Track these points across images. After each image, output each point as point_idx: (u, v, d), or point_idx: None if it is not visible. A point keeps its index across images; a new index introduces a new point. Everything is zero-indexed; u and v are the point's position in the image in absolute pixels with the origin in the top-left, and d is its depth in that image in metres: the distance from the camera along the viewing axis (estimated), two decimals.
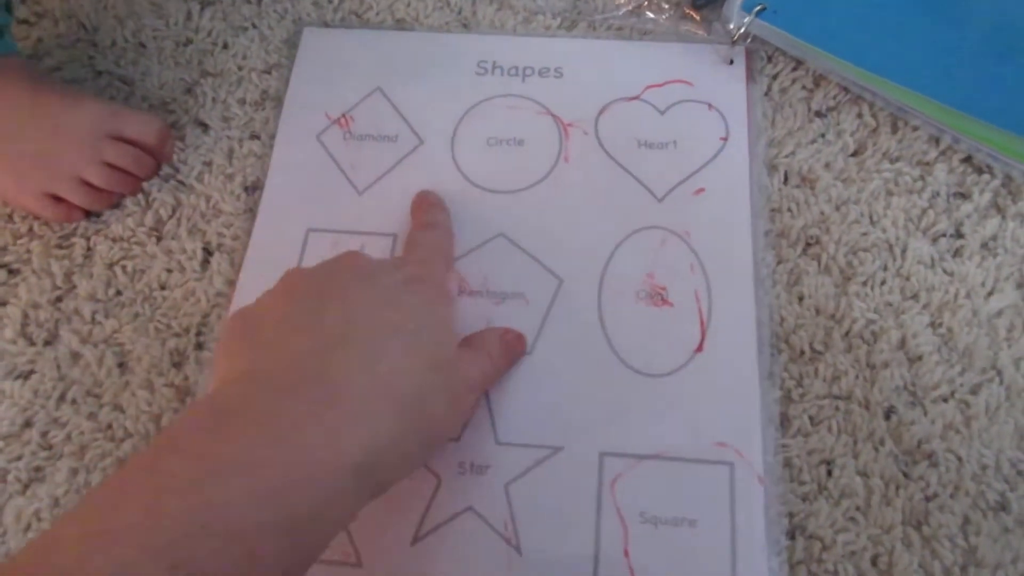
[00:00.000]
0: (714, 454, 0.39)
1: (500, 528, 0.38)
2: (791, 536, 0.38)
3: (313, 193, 0.46)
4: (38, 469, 0.41)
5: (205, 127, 0.49)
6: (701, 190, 0.45)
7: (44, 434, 0.42)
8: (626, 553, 0.37)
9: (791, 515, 0.38)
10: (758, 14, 0.48)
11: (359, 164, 0.47)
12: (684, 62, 0.49)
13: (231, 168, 0.48)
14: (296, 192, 0.46)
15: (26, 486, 0.41)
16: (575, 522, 0.38)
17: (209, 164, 0.48)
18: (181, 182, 0.48)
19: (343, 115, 0.49)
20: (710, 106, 0.48)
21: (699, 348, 0.41)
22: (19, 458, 0.42)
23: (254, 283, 0.44)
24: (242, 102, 0.50)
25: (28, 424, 0.42)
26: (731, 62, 0.49)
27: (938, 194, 0.45)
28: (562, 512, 0.38)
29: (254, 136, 0.49)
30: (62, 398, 0.43)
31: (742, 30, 0.48)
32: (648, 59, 0.50)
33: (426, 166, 0.47)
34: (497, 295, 0.43)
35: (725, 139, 0.47)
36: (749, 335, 0.41)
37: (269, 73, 0.51)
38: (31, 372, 0.43)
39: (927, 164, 0.46)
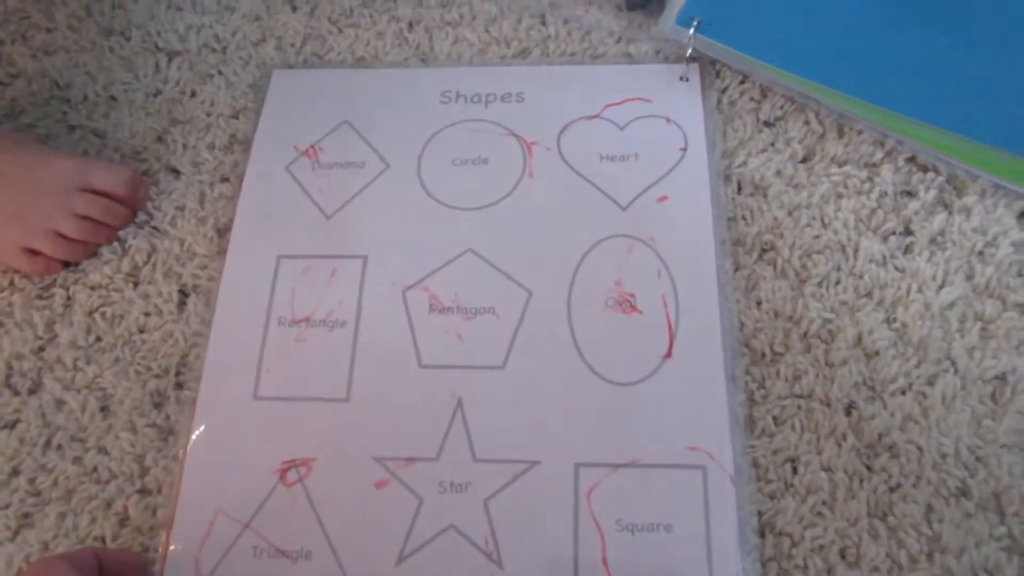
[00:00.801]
0: (687, 458, 0.40)
1: (481, 544, 0.39)
2: (761, 534, 0.39)
3: (282, 221, 0.48)
4: (27, 515, 0.42)
5: (177, 173, 0.51)
6: (664, 197, 0.47)
7: (32, 481, 0.43)
8: (604, 561, 0.38)
9: (760, 513, 0.40)
10: (697, 29, 0.49)
11: (327, 190, 0.49)
12: (641, 81, 0.51)
13: (203, 211, 0.49)
14: (266, 221, 0.48)
15: (16, 533, 0.42)
16: (553, 533, 0.39)
17: (182, 208, 0.50)
18: (155, 228, 0.49)
19: (311, 146, 0.50)
20: (668, 120, 0.50)
21: (668, 354, 0.42)
22: (7, 506, 0.43)
23: (229, 312, 0.45)
24: (211, 147, 0.52)
25: (16, 472, 0.43)
26: (686, 79, 0.51)
27: (886, 194, 0.47)
28: (541, 524, 0.39)
29: (224, 179, 0.50)
30: (48, 444, 0.44)
31: (689, 52, 0.50)
32: (606, 80, 0.52)
33: (393, 188, 0.48)
34: (468, 311, 0.44)
35: (684, 149, 0.48)
36: (715, 339, 0.42)
37: (236, 117, 0.52)
38: (17, 421, 0.45)
39: (874, 166, 0.48)
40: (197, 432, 0.43)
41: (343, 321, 0.45)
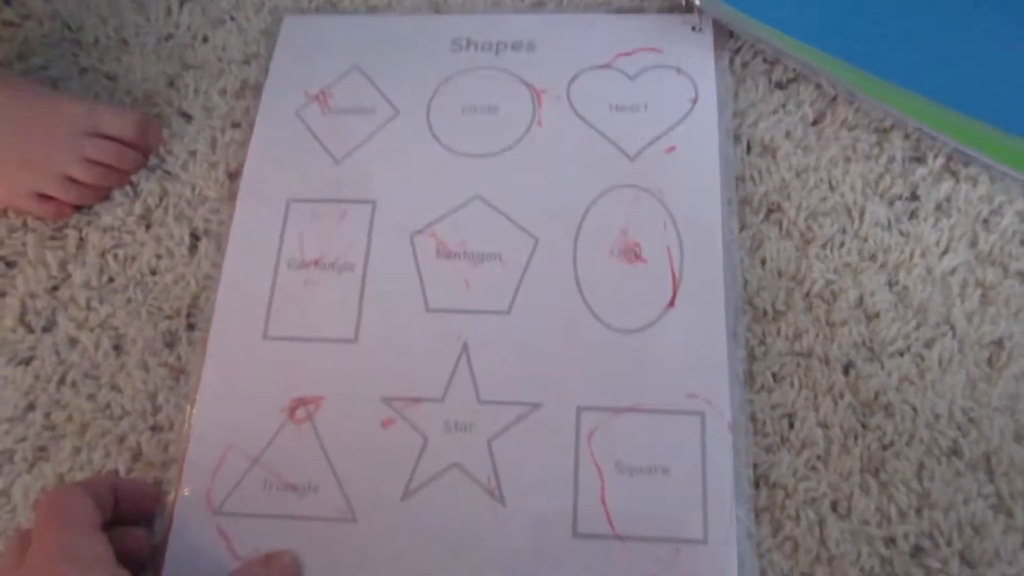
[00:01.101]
0: (686, 404, 0.41)
1: (484, 482, 0.40)
2: (756, 485, 0.40)
3: (292, 165, 0.48)
4: (42, 448, 0.44)
5: (188, 118, 0.51)
6: (672, 148, 0.47)
7: (47, 415, 0.44)
8: (603, 501, 0.39)
9: (755, 466, 0.41)
10: None
11: (337, 136, 0.49)
12: (652, 31, 0.51)
13: (215, 156, 0.50)
14: (276, 165, 0.48)
15: (32, 464, 0.43)
16: (554, 474, 0.40)
17: (193, 153, 0.50)
18: (167, 172, 0.50)
19: (321, 91, 0.51)
20: (679, 71, 0.50)
21: (671, 304, 0.43)
22: (24, 439, 0.44)
23: (240, 254, 0.46)
24: (223, 92, 0.52)
25: (31, 407, 0.44)
26: (699, 29, 0.51)
27: (894, 159, 0.47)
28: (542, 465, 0.40)
29: (235, 125, 0.51)
30: (62, 381, 0.45)
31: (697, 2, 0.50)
32: (617, 30, 0.51)
33: (402, 134, 0.49)
34: (475, 256, 0.45)
35: (695, 100, 0.49)
36: (718, 290, 0.43)
37: (248, 64, 0.52)
38: (31, 358, 0.46)
39: (884, 131, 0.48)
40: (208, 370, 0.44)
41: (351, 264, 0.45)
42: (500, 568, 0.39)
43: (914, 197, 0.46)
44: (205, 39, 0.54)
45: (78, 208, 0.49)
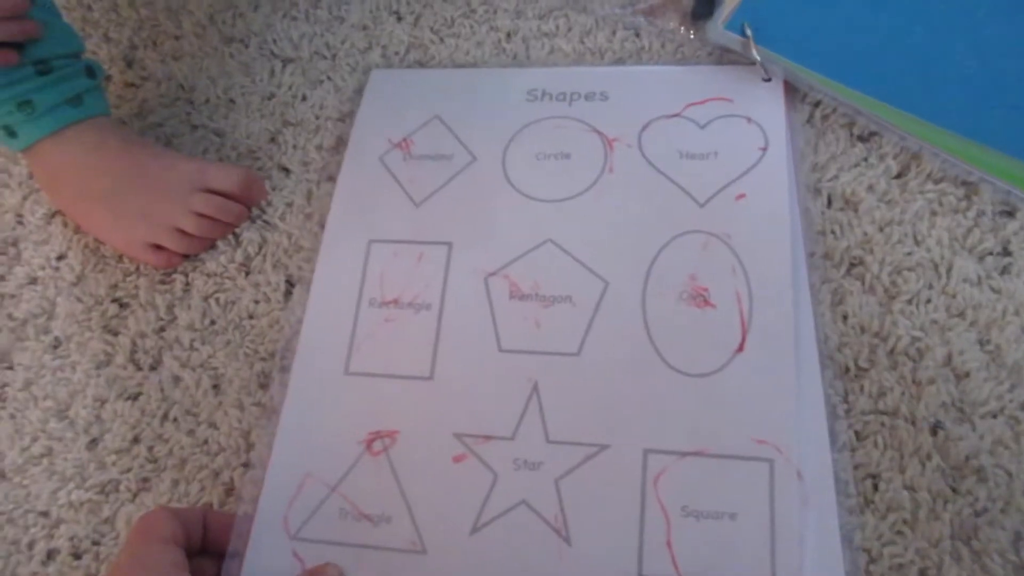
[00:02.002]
0: (754, 451, 0.40)
1: (551, 520, 0.41)
2: None
3: (375, 208, 0.51)
4: (145, 480, 0.47)
5: (287, 171, 0.55)
6: (742, 195, 0.47)
7: (150, 449, 0.47)
8: (669, 544, 0.39)
9: (839, 527, 0.40)
10: (742, 33, 0.50)
11: (417, 180, 0.52)
12: (723, 81, 0.52)
13: (310, 208, 0.53)
14: (359, 207, 0.51)
15: (135, 495, 0.46)
16: (621, 515, 0.40)
17: (291, 205, 0.53)
18: (266, 222, 0.53)
19: (404, 139, 0.53)
20: (749, 119, 0.50)
21: (740, 348, 0.43)
22: (129, 470, 0.47)
23: (324, 292, 0.49)
24: (319, 148, 0.55)
25: (136, 440, 0.48)
26: (768, 79, 0.51)
27: (983, 213, 0.46)
28: (608, 506, 0.41)
29: (330, 178, 0.54)
30: (165, 417, 0.48)
31: (753, 53, 0.50)
32: (688, 80, 0.53)
33: (478, 179, 0.51)
34: (546, 298, 0.46)
35: (764, 148, 0.49)
36: (788, 336, 0.43)
37: (343, 121, 0.56)
38: (139, 394, 0.49)
39: (971, 184, 0.47)
40: (291, 401, 0.46)
41: (428, 304, 0.47)
42: None
43: (1006, 252, 0.45)
44: (304, 98, 0.57)
45: (186, 257, 0.52)
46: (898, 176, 0.48)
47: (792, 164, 0.49)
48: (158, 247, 0.51)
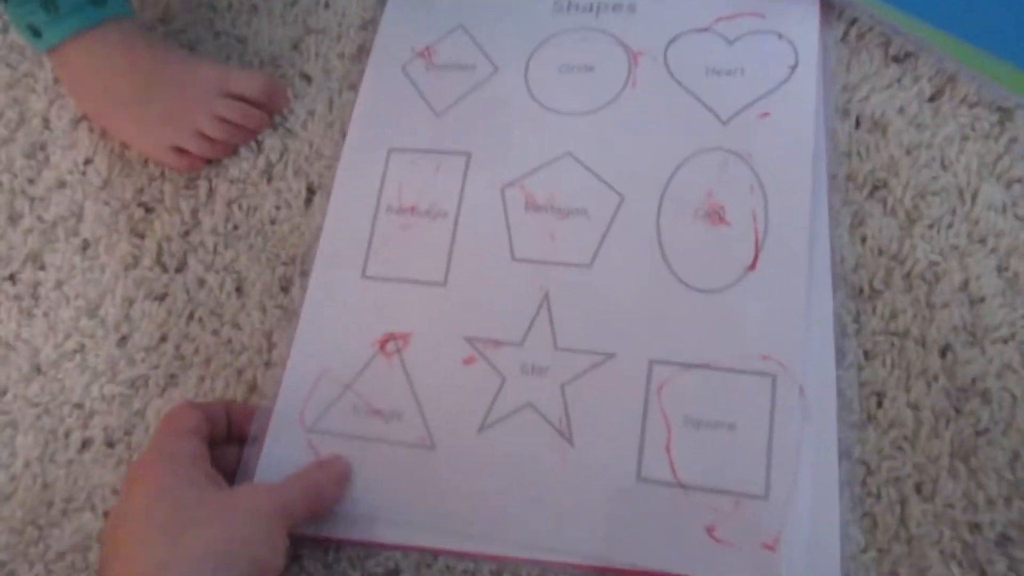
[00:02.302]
0: (759, 366, 0.41)
1: (555, 423, 0.42)
2: (837, 462, 0.40)
3: (395, 117, 0.51)
4: (173, 376, 0.49)
5: (309, 79, 0.55)
6: (766, 114, 0.47)
7: (177, 347, 0.49)
8: (668, 450, 0.41)
9: (839, 441, 0.41)
10: None
11: (438, 90, 0.51)
12: None
13: (331, 116, 0.53)
14: (380, 116, 0.51)
15: (164, 390, 0.48)
16: (623, 421, 0.42)
17: (312, 113, 0.53)
18: (288, 130, 0.53)
19: (426, 48, 0.53)
20: (780, 36, 0.49)
21: (752, 266, 0.43)
22: (157, 367, 0.49)
23: (344, 198, 0.50)
24: (341, 56, 0.55)
25: (164, 338, 0.50)
26: None
27: (1016, 139, 0.45)
28: (612, 411, 0.42)
29: (351, 87, 0.54)
30: (191, 317, 0.50)
31: None
32: None
33: (500, 90, 0.51)
34: (561, 211, 0.47)
35: (794, 67, 0.48)
36: (802, 256, 0.43)
37: (365, 28, 0.55)
38: (165, 295, 0.51)
39: (1006, 109, 0.46)
40: (309, 301, 0.47)
41: (445, 212, 0.48)
42: (567, 504, 0.41)
43: None
44: (327, 4, 0.57)
45: (209, 162, 0.53)
46: (931, 99, 0.47)
47: (822, 83, 0.47)
48: (181, 151, 0.52)
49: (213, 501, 0.38)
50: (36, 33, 0.49)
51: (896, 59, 0.48)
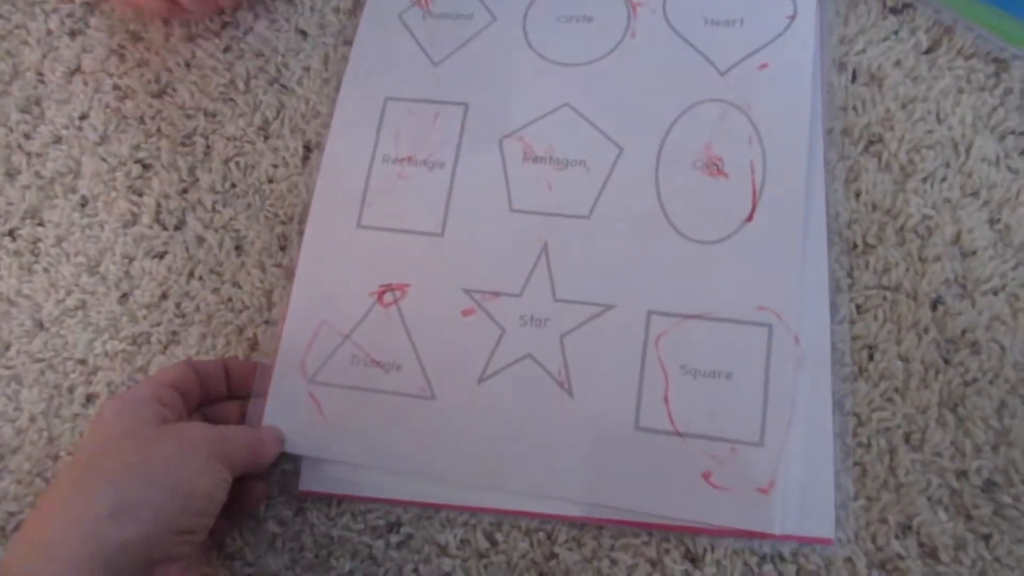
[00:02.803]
0: (755, 316, 0.42)
1: (554, 373, 0.43)
2: None
3: (392, 65, 0.51)
4: (174, 333, 0.49)
5: (304, 34, 0.54)
6: (765, 65, 0.47)
7: (178, 305, 0.50)
8: (666, 399, 0.42)
9: (831, 395, 0.41)
10: None
11: (435, 39, 0.51)
12: None
13: (327, 73, 0.53)
14: (377, 64, 0.51)
15: (165, 347, 0.49)
16: (621, 371, 0.42)
17: (308, 69, 0.53)
18: (284, 86, 0.53)
19: None
20: None
21: (749, 218, 0.44)
22: (159, 324, 0.49)
23: (339, 148, 0.50)
24: (336, 11, 0.54)
25: (164, 296, 0.50)
26: None
27: (1011, 91, 0.45)
28: (610, 362, 0.43)
29: (347, 42, 0.53)
30: (191, 275, 0.50)
31: None
32: None
33: (498, 40, 0.50)
34: (560, 161, 0.47)
35: (792, 17, 0.47)
36: (798, 208, 0.43)
37: None
38: (165, 252, 0.51)
39: (1002, 61, 0.46)
40: (306, 252, 0.48)
41: (442, 162, 0.48)
42: (566, 452, 0.42)
43: None
44: None
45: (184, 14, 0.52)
46: (928, 51, 0.47)
47: (819, 35, 0.47)
48: None
49: (144, 430, 0.38)
50: None
51: (893, 10, 0.48)
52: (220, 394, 0.45)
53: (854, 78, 0.47)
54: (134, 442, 0.38)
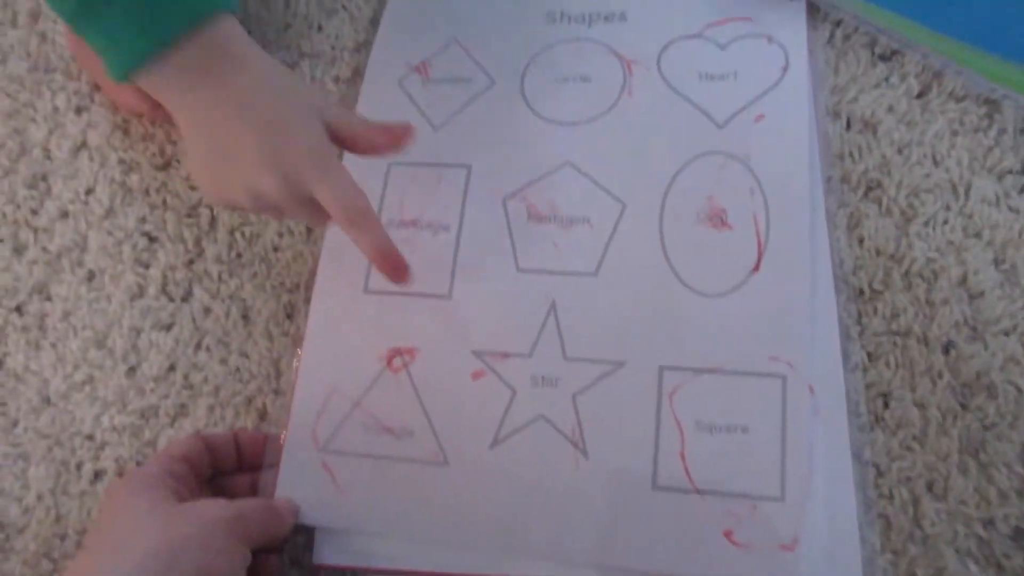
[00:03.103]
0: (768, 367, 0.42)
1: (568, 434, 0.43)
2: None
3: None
4: (183, 406, 0.49)
5: None
6: (761, 116, 0.47)
7: (186, 376, 0.49)
8: (682, 456, 0.41)
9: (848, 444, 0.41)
10: None
11: (435, 104, 0.52)
12: (744, 0, 0.51)
13: None
14: None
15: (174, 419, 0.49)
16: (636, 429, 0.42)
17: None
18: None
19: (422, 62, 0.54)
20: (769, 39, 0.49)
21: (756, 268, 0.44)
22: (167, 396, 0.49)
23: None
24: (336, 79, 0.55)
25: (172, 368, 0.50)
26: None
27: (1005, 131, 0.46)
28: (624, 420, 0.42)
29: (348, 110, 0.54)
30: (198, 346, 0.50)
31: None
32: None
33: (497, 102, 0.51)
34: (564, 220, 0.47)
35: (785, 68, 0.48)
36: (804, 256, 0.43)
37: (359, 51, 0.56)
38: (172, 324, 0.51)
39: (993, 101, 0.46)
40: (313, 320, 0.48)
41: (447, 225, 0.48)
42: (582, 516, 0.41)
43: None
44: (319, 28, 0.57)
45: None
46: (919, 96, 0.48)
47: (812, 85, 0.48)
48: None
49: (164, 511, 0.38)
50: None
51: (882, 58, 0.49)
52: (231, 466, 0.44)
53: (849, 125, 0.48)
54: (154, 525, 0.37)
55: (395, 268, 0.43)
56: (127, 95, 0.53)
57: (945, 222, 0.44)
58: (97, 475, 0.48)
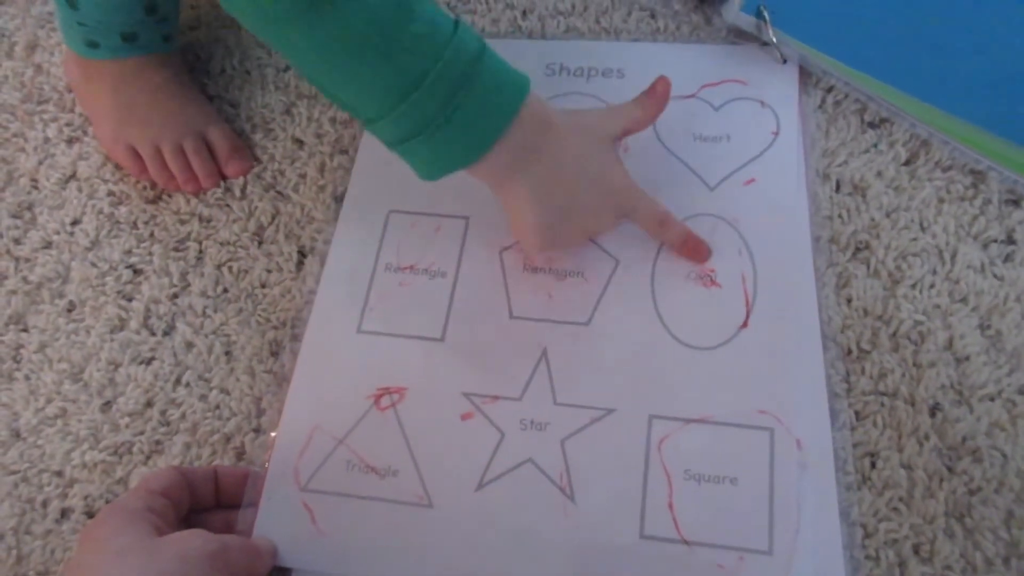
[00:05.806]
0: (756, 420, 0.42)
1: (556, 479, 0.42)
2: None
3: (394, 180, 0.52)
4: (158, 443, 0.47)
5: (301, 143, 0.55)
6: (752, 180, 0.48)
7: (163, 412, 0.48)
8: (671, 506, 0.40)
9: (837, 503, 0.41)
10: (759, 15, 0.51)
11: None
12: (738, 62, 0.53)
13: (323, 180, 0.53)
14: (380, 179, 0.52)
15: (148, 457, 0.47)
16: (624, 476, 0.41)
17: (304, 176, 0.54)
18: (279, 192, 0.54)
19: None
20: (762, 103, 0.51)
21: (744, 324, 0.44)
22: (142, 433, 0.48)
23: (342, 256, 0.50)
24: (333, 121, 0.56)
25: (149, 404, 0.49)
26: (783, 62, 0.52)
27: (990, 201, 0.47)
28: (613, 467, 0.42)
29: (343, 151, 0.54)
30: (178, 381, 0.49)
31: (770, 34, 0.51)
32: (704, 60, 0.53)
33: None
34: (558, 273, 0.48)
35: (776, 133, 0.50)
36: (791, 314, 0.44)
37: None
38: (152, 359, 0.50)
39: (979, 172, 0.48)
40: (303, 357, 0.47)
41: (443, 271, 0.49)
42: (568, 562, 0.40)
43: (1010, 240, 0.46)
44: None
45: (154, 186, 0.55)
46: (907, 163, 0.49)
47: (803, 149, 0.49)
48: (136, 154, 0.54)
49: (145, 545, 0.37)
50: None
51: (872, 125, 0.50)
52: (209, 503, 0.43)
53: (838, 188, 0.49)
54: (137, 560, 0.36)
55: (697, 251, 0.46)
56: (119, 153, 0.54)
57: (932, 286, 0.45)
58: (64, 513, 0.46)
